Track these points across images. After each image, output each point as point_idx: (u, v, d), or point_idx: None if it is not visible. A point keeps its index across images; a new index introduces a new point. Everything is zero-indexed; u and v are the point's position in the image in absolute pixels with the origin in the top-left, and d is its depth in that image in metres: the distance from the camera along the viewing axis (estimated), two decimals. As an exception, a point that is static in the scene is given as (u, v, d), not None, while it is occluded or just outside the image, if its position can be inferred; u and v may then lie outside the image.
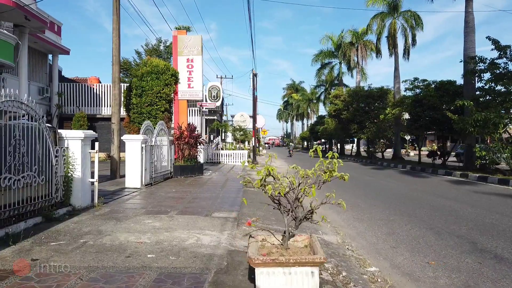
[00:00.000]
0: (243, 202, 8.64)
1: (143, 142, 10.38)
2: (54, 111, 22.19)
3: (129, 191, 9.52)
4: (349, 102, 32.00)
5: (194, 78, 14.59)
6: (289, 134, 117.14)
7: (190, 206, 7.53)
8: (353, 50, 37.15)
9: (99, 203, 7.17)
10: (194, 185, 11.43)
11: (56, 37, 21.96)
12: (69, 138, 6.64)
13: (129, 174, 10.25)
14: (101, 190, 9.42)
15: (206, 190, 10.16)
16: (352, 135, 33.35)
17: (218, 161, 23.74)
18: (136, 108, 13.62)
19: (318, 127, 50.35)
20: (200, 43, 14.67)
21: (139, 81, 13.69)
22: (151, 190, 9.98)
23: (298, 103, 78.48)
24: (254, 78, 24.02)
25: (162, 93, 13.70)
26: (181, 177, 13.44)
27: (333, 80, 45.51)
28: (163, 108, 13.81)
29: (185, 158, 14.08)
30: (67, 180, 6.56)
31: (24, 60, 17.55)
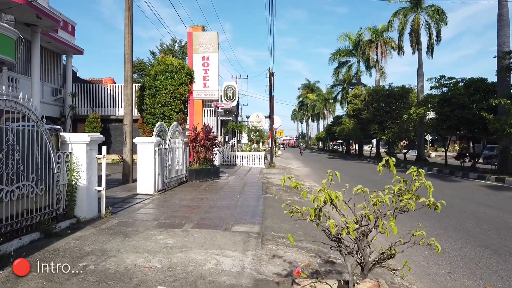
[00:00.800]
0: (265, 212, 7.84)
1: (156, 145, 9.68)
2: (67, 112, 21.82)
3: (141, 198, 8.81)
4: (369, 101, 30.85)
5: (210, 77, 13.85)
6: (304, 134, 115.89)
7: (206, 217, 6.75)
8: (373, 48, 35.94)
9: (106, 213, 6.46)
10: (210, 190, 10.68)
11: (70, 36, 21.59)
12: (73, 142, 5.95)
13: (141, 179, 9.56)
14: (110, 197, 8.75)
15: (223, 197, 9.39)
16: (372, 136, 32.18)
17: (234, 163, 22.99)
18: (150, 109, 12.97)
19: (335, 127, 49.13)
20: (216, 40, 13.92)
21: (152, 80, 13.04)
22: (165, 197, 9.26)
23: (313, 103, 77.25)
24: (271, 77, 23.19)
25: (177, 92, 13.01)
26: (196, 181, 12.71)
27: (350, 79, 44.33)
28: (178, 108, 13.12)
29: (201, 161, 13.36)
30: (71, 189, 5.87)
31: (37, 60, 17.16)
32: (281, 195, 10.43)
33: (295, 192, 11.25)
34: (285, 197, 10.11)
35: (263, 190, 11.11)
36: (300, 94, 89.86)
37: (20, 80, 17.87)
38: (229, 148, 25.24)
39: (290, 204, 3.15)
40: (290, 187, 11.07)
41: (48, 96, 20.71)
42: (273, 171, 19.45)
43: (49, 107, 20.82)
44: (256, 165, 22.64)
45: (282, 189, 11.71)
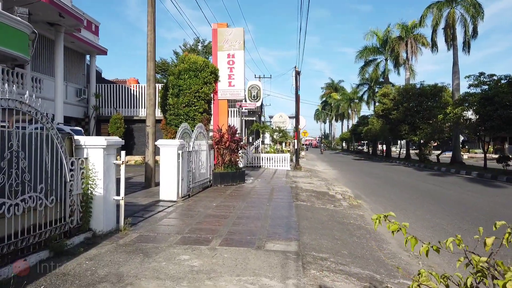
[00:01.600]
0: (300, 225, 7.01)
1: (180, 148, 9.04)
2: (91, 113, 21.65)
3: (163, 206, 8.17)
4: (399, 100, 29.45)
5: (235, 75, 13.16)
6: (327, 135, 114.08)
7: (235, 231, 6.01)
8: (402, 45, 34.44)
9: (125, 226, 5.82)
10: (236, 196, 9.96)
11: (94, 36, 21.40)
12: (89, 147, 5.33)
13: (164, 184, 8.94)
14: (131, 204, 8.16)
15: (251, 205, 8.64)
16: (402, 137, 30.73)
17: (258, 165, 22.26)
18: (173, 109, 12.38)
19: (360, 127, 47.69)
20: (242, 37, 13.20)
21: (176, 79, 12.45)
22: (189, 204, 8.60)
23: (338, 103, 75.66)
24: (297, 76, 22.32)
25: (201, 92, 12.37)
26: (221, 186, 12.02)
27: (378, 78, 42.82)
28: (202, 109, 12.47)
29: (226, 165, 12.67)
30: (86, 199, 5.25)
31: (60, 60, 16.93)
32: (313, 202, 9.60)
33: (328, 199, 10.39)
34: (318, 205, 9.27)
35: (293, 196, 10.30)
36: (323, 93, 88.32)
37: (44, 80, 17.75)
38: (253, 149, 24.53)
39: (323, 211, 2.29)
40: (321, 193, 10.16)
41: (72, 97, 20.58)
42: (300, 174, 18.60)
43: (73, 107, 20.70)
44: (281, 167, 21.83)
45: (313, 195, 10.87)
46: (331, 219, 7.72)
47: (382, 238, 6.62)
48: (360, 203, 10.20)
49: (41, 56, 18.17)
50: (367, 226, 7.45)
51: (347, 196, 11.49)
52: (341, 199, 10.77)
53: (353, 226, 7.26)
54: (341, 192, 12.38)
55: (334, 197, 11.05)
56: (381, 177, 18.19)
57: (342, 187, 14.19)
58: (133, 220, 6.54)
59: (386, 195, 12.11)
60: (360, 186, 14.42)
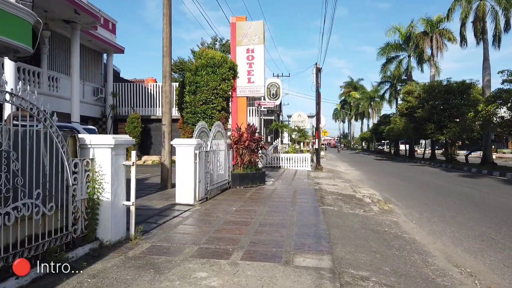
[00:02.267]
0: (331, 234, 6.27)
1: (197, 148, 8.43)
2: (108, 112, 21.39)
3: (180, 210, 7.57)
4: (424, 98, 28.19)
5: (255, 71, 12.49)
6: (346, 134, 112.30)
7: (258, 241, 5.33)
8: (427, 40, 33.06)
9: (136, 234, 5.22)
10: (257, 200, 9.29)
11: (111, 35, 21.14)
12: (95, 146, 4.75)
13: (180, 187, 8.34)
14: (145, 208, 7.59)
15: (274, 209, 7.95)
16: (428, 136, 29.44)
17: (278, 165, 21.54)
18: (190, 107, 11.80)
19: (382, 127, 46.29)
20: (262, 30, 12.53)
21: (193, 76, 11.87)
22: (206, 208, 7.98)
23: (357, 101, 74.17)
24: (318, 73, 21.49)
25: (219, 89, 11.76)
26: (240, 188, 11.38)
27: (400, 76, 41.44)
28: (220, 106, 11.86)
29: (245, 165, 12.02)
30: (92, 204, 4.67)
31: (76, 58, 16.66)
32: (340, 207, 8.83)
33: (356, 203, 9.60)
34: (346, 210, 8.50)
35: (318, 200, 9.56)
36: (342, 92, 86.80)
37: (60, 79, 17.52)
38: (272, 149, 23.84)
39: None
40: (348, 196, 9.40)
41: (89, 96, 20.36)
42: (321, 175, 17.79)
43: (90, 107, 20.48)
44: (301, 167, 21.06)
45: (340, 199, 10.09)
46: (363, 226, 6.96)
47: (425, 250, 5.82)
48: (391, 208, 9.37)
49: (57, 55, 17.97)
50: (405, 235, 6.66)
51: (376, 200, 10.67)
52: (370, 203, 9.96)
53: (389, 235, 6.48)
54: (369, 195, 11.55)
55: (362, 200, 10.25)
56: (408, 179, 17.20)
57: (368, 189, 13.33)
58: (146, 226, 5.95)
59: (418, 198, 11.22)
60: (387, 188, 13.53)
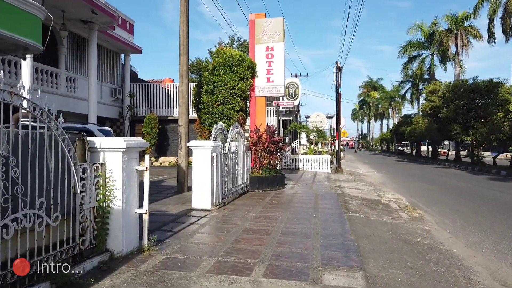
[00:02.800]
0: (360, 245, 5.74)
1: (214, 150, 8.03)
2: (125, 113, 21.31)
3: (196, 216, 7.19)
4: (448, 98, 27.12)
5: (275, 70, 12.04)
6: (364, 135, 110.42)
7: (281, 253, 4.88)
8: (451, 38, 31.90)
9: (149, 244, 4.84)
10: (277, 205, 8.83)
11: (128, 35, 21.07)
12: (106, 150, 4.40)
13: (196, 191, 7.96)
14: (160, 214, 7.24)
15: (296, 216, 7.48)
16: (452, 137, 28.33)
17: (296, 167, 21.01)
18: (207, 108, 11.46)
19: (403, 127, 45.04)
20: (282, 27, 12.06)
21: (210, 75, 11.52)
22: (224, 214, 7.56)
23: (377, 101, 72.70)
24: (339, 72, 20.87)
25: (237, 89, 11.37)
26: (259, 191, 10.94)
27: (422, 75, 40.23)
28: (238, 107, 11.47)
29: (264, 168, 11.58)
30: (102, 213, 4.31)
31: (94, 58, 16.56)
32: (367, 213, 8.29)
33: (382, 209, 9.03)
34: (373, 217, 7.95)
35: (342, 205, 9.03)
36: (361, 92, 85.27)
37: (78, 80, 17.48)
38: (290, 151, 23.33)
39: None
40: (373, 201, 8.80)
41: (106, 97, 20.30)
42: (342, 178, 17.18)
43: (107, 108, 20.41)
44: (321, 169, 20.47)
45: (364, 204, 9.54)
46: (394, 236, 6.41)
47: (465, 264, 5.24)
48: (421, 215, 8.75)
49: (75, 55, 17.94)
50: (440, 247, 6.08)
51: (403, 205, 10.05)
52: (398, 209, 9.36)
53: (423, 247, 5.92)
54: (395, 200, 10.93)
55: (388, 206, 9.65)
56: (434, 182, 16.41)
57: (393, 193, 12.69)
58: (160, 235, 5.57)
59: (448, 204, 10.54)
60: (414, 193, 12.85)
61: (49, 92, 15.47)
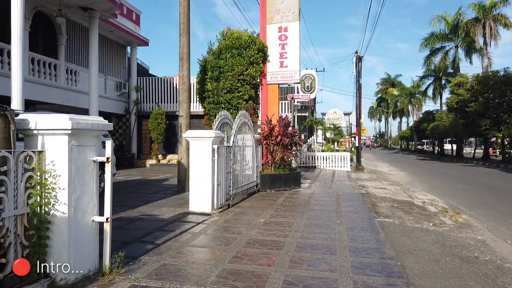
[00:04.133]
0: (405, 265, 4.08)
1: (216, 142, 6.67)
2: (131, 108, 20.19)
3: (191, 222, 5.84)
4: (477, 91, 25.10)
5: (289, 53, 10.59)
6: (382, 133, 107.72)
7: (297, 280, 3.47)
8: (479, 27, 29.76)
9: (114, 265, 3.50)
10: (291, 208, 7.42)
11: (134, 26, 19.94)
12: (45, 133, 3.07)
13: (194, 191, 6.62)
14: (149, 219, 5.93)
15: (315, 222, 6.05)
16: (482, 133, 26.29)
17: (313, 165, 19.52)
18: (212, 97, 10.13)
19: (425, 124, 42.86)
20: (297, 4, 10.58)
21: (215, 59, 10.19)
22: (226, 219, 6.19)
23: (396, 98, 70.33)
24: (359, 63, 19.25)
25: (246, 74, 10.00)
26: (271, 191, 9.54)
27: (446, 68, 38.02)
28: (247, 95, 10.11)
29: (276, 164, 10.17)
30: (38, 223, 2.99)
31: (95, 48, 15.43)
32: (401, 218, 6.78)
33: (419, 213, 7.50)
34: (410, 223, 6.45)
35: (370, 208, 7.55)
36: (378, 89, 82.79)
37: (80, 72, 16.41)
38: (306, 148, 21.82)
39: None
40: (405, 202, 7.11)
41: (111, 91, 19.20)
42: (364, 176, 15.62)
43: (113, 102, 19.31)
44: (339, 167, 18.93)
45: (396, 207, 8.03)
46: (444, 251, 4.91)
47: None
48: (467, 220, 7.18)
49: (77, 46, 16.88)
50: (508, 265, 4.57)
51: (441, 208, 8.49)
52: (437, 212, 7.81)
53: (487, 267, 4.42)
54: (429, 202, 9.37)
55: (425, 209, 8.10)
56: (468, 181, 14.67)
57: (425, 193, 11.10)
58: (136, 249, 4.24)
59: (494, 206, 8.91)
60: (449, 193, 11.23)
61: (47, 84, 14.44)
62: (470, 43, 32.75)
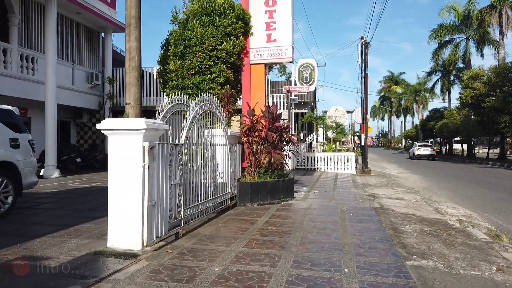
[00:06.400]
0: None
1: (152, 137, 4.19)
2: (105, 102, 17.71)
3: (93, 278, 3.35)
4: (496, 84, 22.57)
5: (278, 23, 8.12)
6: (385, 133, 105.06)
7: None
8: (494, 15, 27.21)
9: None
10: (274, 238, 4.93)
11: (109, 9, 17.47)
12: None
13: (114, 217, 4.14)
14: (31, 265, 3.43)
15: (309, 266, 3.56)
16: (500, 131, 23.76)
17: (312, 167, 17.05)
18: (176, 79, 7.65)
19: (432, 122, 40.34)
20: (288, -42, 8.15)
21: (181, 29, 7.71)
22: (163, 264, 3.70)
23: (399, 96, 67.81)
24: (365, 50, 16.75)
25: (220, 50, 7.54)
26: (252, 206, 7.07)
27: (456, 62, 35.40)
28: (222, 78, 7.63)
29: (262, 169, 7.70)
30: None
31: (52, 29, 13.09)
32: (445, 258, 4.28)
33: (464, 243, 4.98)
34: (463, 271, 3.93)
35: (391, 236, 5.07)
36: (381, 88, 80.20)
37: (39, 60, 13.91)
38: (305, 148, 19.32)
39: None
40: (436, 223, 4.68)
41: (81, 83, 16.70)
42: (372, 181, 13.14)
43: (83, 96, 16.81)
44: (343, 170, 16.46)
45: (428, 232, 5.53)
46: None
47: None
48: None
49: (33, 28, 14.41)
50: None
51: (487, 230, 6.02)
52: (489, 241, 5.29)
53: None
54: (466, 220, 6.89)
55: (469, 235, 5.58)
56: (499, 188, 12.14)
57: (454, 206, 8.62)
58: None
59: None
60: (484, 205, 8.74)
61: (-6, 72, 12.01)
62: (483, 34, 30.21)
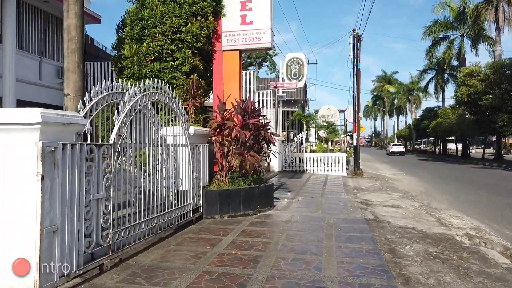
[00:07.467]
0: None
1: (54, 134, 2.97)
2: (77, 99, 16.37)
3: None
4: (493, 81, 21.63)
5: (255, 3, 6.92)
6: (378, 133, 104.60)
7: None
8: (491, 11, 26.32)
9: None
10: (236, 268, 3.74)
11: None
12: None
13: (-1, 247, 2.90)
14: None
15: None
16: (497, 130, 22.85)
17: (300, 169, 15.90)
18: (132, 67, 6.41)
19: (425, 122, 39.54)
20: None
21: (138, 8, 6.49)
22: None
23: (392, 96, 67.12)
24: (357, 43, 15.64)
25: (185, 32, 6.33)
26: (220, 219, 5.87)
27: (450, 60, 34.54)
28: (188, 66, 6.43)
29: (235, 174, 6.51)
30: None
31: (10, 16, 11.71)
32: None
33: (482, 271, 3.81)
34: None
35: (388, 262, 3.90)
36: (374, 87, 79.60)
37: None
38: (294, 148, 18.19)
39: None
40: (442, 239, 3.57)
41: (50, 78, 15.33)
42: (365, 184, 12.02)
43: (52, 92, 15.40)
44: (333, 172, 15.33)
45: (434, 254, 4.36)
46: None
47: None
48: None
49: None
50: None
51: (507, 251, 4.90)
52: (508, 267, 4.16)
53: None
54: (476, 234, 5.76)
55: (484, 258, 4.43)
56: (502, 191, 11.07)
57: (458, 215, 7.50)
58: None
59: None
60: (491, 213, 7.64)
61: None
62: (479, 31, 29.39)
